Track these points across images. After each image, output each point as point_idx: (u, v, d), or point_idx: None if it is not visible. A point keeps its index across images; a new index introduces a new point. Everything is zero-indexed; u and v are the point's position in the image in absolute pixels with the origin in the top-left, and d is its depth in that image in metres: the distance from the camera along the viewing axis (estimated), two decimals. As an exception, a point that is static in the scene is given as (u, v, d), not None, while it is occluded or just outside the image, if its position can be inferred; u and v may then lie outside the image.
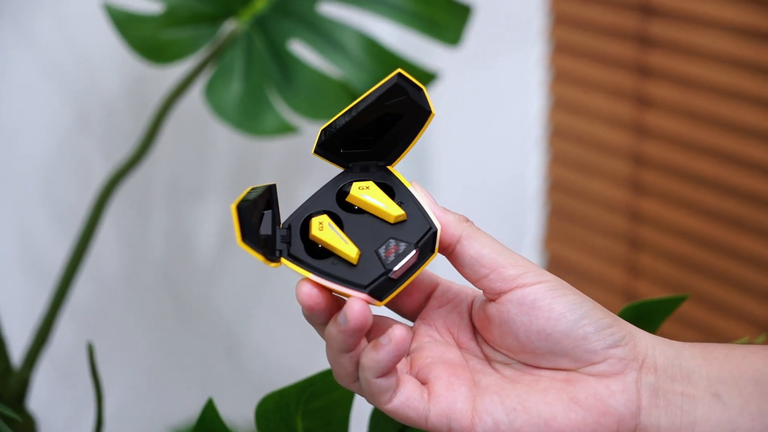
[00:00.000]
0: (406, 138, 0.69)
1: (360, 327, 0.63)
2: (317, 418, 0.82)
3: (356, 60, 1.27)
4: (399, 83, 0.67)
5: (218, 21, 1.27)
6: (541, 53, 1.83)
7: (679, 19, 1.59)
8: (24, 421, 1.18)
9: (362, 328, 0.63)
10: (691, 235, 1.64)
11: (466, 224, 0.68)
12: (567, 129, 1.84)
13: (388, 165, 0.70)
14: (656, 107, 1.66)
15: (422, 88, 0.68)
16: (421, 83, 1.26)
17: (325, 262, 0.66)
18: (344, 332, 0.63)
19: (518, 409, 0.64)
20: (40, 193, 1.52)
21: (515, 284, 0.65)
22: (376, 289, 0.64)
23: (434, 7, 1.26)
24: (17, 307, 1.43)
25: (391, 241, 0.65)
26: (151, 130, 1.23)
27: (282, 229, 0.67)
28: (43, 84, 1.47)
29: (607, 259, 1.79)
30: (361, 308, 0.62)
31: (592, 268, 1.83)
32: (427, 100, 0.68)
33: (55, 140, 1.51)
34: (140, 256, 1.65)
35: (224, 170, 1.66)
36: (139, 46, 1.22)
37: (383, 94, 0.67)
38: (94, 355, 1.01)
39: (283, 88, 1.26)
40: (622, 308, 0.82)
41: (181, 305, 1.72)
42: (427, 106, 0.68)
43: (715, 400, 0.64)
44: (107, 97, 1.51)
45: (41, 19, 1.44)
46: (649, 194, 1.70)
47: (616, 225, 1.77)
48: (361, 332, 0.63)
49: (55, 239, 1.49)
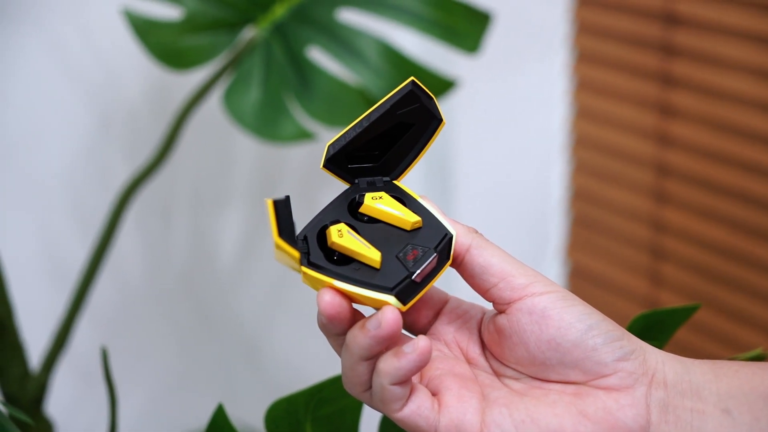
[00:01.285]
0: (415, 150, 0.70)
1: (392, 334, 0.63)
2: (326, 425, 0.82)
3: (374, 67, 1.27)
4: (413, 90, 0.67)
5: (237, 28, 1.28)
6: (565, 62, 1.83)
7: (703, 28, 1.58)
8: (41, 425, 1.19)
9: (394, 335, 0.63)
10: (714, 245, 1.63)
11: (474, 234, 0.68)
12: (590, 138, 1.83)
13: (393, 180, 0.70)
14: (680, 116, 1.65)
15: (432, 96, 0.68)
16: (441, 91, 1.27)
17: (347, 268, 0.65)
18: (374, 338, 0.63)
19: (527, 421, 0.64)
20: (63, 198, 1.53)
21: (525, 293, 0.65)
22: (401, 291, 0.64)
23: (453, 15, 1.26)
24: (39, 311, 1.44)
25: (409, 247, 0.66)
26: (170, 136, 1.24)
27: (298, 240, 0.67)
28: (66, 89, 1.49)
29: (630, 269, 1.78)
30: (395, 315, 0.63)
31: (614, 277, 1.82)
32: (437, 108, 0.68)
33: (77, 145, 1.52)
34: (162, 262, 1.66)
35: (246, 177, 1.67)
36: (158, 52, 1.23)
37: (397, 102, 0.68)
38: (108, 360, 1.01)
39: (301, 94, 1.26)
40: (634, 317, 0.81)
41: (202, 311, 1.73)
42: (438, 114, 0.68)
43: (725, 416, 0.64)
44: (130, 102, 1.52)
45: (64, 25, 1.45)
46: (672, 204, 1.69)
47: (639, 234, 1.76)
48: (391, 339, 0.63)
49: (76, 244, 1.50)
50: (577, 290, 1.90)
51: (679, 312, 0.84)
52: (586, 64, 1.81)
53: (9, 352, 1.16)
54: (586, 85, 1.82)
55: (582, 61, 1.81)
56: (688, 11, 1.60)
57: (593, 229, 1.85)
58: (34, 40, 1.45)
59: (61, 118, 1.49)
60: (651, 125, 1.70)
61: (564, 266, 1.92)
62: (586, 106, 1.82)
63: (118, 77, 1.50)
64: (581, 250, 1.89)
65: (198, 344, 1.74)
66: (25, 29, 1.43)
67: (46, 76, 1.47)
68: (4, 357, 1.16)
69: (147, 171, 1.24)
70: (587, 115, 1.83)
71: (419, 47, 1.61)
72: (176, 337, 1.71)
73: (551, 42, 1.82)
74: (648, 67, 1.68)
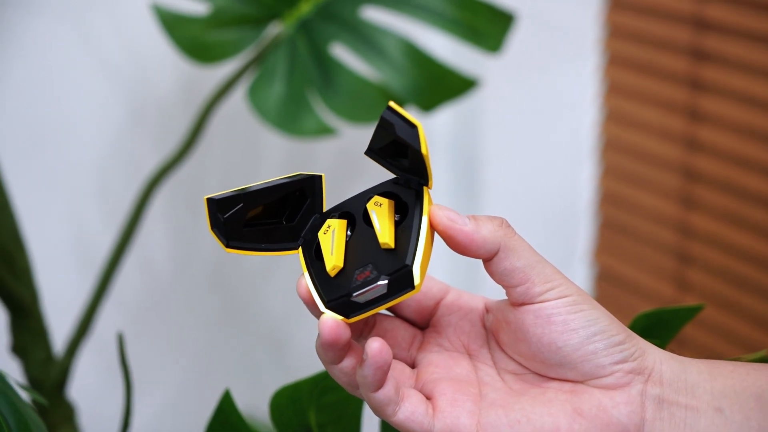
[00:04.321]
0: (422, 165, 0.66)
1: (330, 342, 0.64)
2: (330, 413, 0.83)
3: (396, 65, 1.28)
4: (384, 116, 0.64)
5: (263, 23, 1.29)
6: (595, 65, 1.83)
7: (733, 33, 1.58)
8: (63, 409, 1.21)
9: (333, 343, 0.64)
10: (741, 250, 1.63)
11: (503, 235, 0.66)
12: (620, 141, 1.83)
13: (425, 185, 0.67)
14: (709, 121, 1.65)
15: (416, 124, 0.64)
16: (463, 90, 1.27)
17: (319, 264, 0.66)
18: (319, 346, 0.65)
19: (522, 421, 0.64)
20: (93, 187, 1.55)
21: (537, 300, 0.65)
22: (337, 306, 0.64)
23: (476, 15, 1.27)
24: (66, 297, 1.47)
25: (369, 266, 0.65)
26: (195, 128, 1.26)
27: (317, 217, 0.68)
28: (98, 81, 1.51)
29: (656, 273, 1.78)
30: (332, 324, 0.63)
31: (641, 281, 1.82)
32: (416, 137, 0.64)
33: (108, 136, 1.54)
34: (190, 254, 1.68)
35: (275, 170, 1.68)
36: (185, 45, 1.25)
37: (377, 125, 0.65)
38: (124, 345, 1.03)
39: (323, 90, 1.27)
40: (636, 316, 0.81)
41: (229, 303, 1.75)
42: (417, 145, 0.64)
43: (718, 414, 0.64)
44: (160, 95, 1.54)
45: (97, 19, 1.48)
46: (699, 209, 1.69)
47: (666, 239, 1.75)
48: (334, 347, 0.64)
49: (104, 233, 1.53)
50: (603, 293, 1.90)
51: (682, 311, 0.83)
52: (616, 67, 1.81)
53: (33, 336, 1.18)
54: (617, 88, 1.81)
55: (613, 64, 1.81)
56: (717, 16, 1.59)
57: (621, 233, 1.85)
58: (68, 33, 1.47)
59: (93, 109, 1.52)
60: (680, 129, 1.69)
61: (591, 269, 1.92)
62: (616, 110, 1.82)
63: (150, 70, 1.53)
64: (608, 253, 1.89)
65: (224, 336, 1.76)
66: (60, 23, 1.46)
67: (78, 68, 1.50)
68: (28, 341, 1.18)
69: (172, 162, 1.26)
70: (617, 118, 1.83)
71: (449, 48, 1.62)
72: (202, 328, 1.73)
73: (582, 45, 1.82)
74: (678, 72, 1.67)
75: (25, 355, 1.19)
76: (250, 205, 0.67)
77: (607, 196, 1.87)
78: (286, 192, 0.68)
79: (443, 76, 1.27)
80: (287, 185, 0.68)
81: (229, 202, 0.66)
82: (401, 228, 0.66)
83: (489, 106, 1.79)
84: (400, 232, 0.65)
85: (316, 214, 0.68)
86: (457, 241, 0.65)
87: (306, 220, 0.68)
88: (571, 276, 0.66)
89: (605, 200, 1.88)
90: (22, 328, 1.18)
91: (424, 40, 1.47)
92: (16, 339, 1.18)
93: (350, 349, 0.66)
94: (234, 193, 0.67)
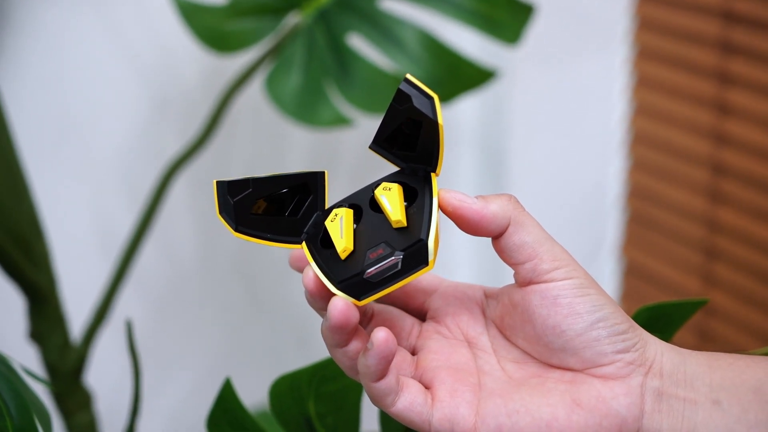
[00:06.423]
0: (433, 145, 0.67)
1: (340, 325, 0.63)
2: (329, 403, 0.83)
3: (413, 56, 1.27)
4: (402, 89, 0.66)
5: (281, 13, 1.30)
6: (625, 58, 1.81)
7: (762, 27, 1.56)
8: (80, 395, 1.22)
9: (343, 326, 0.63)
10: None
11: (512, 209, 0.66)
12: (648, 135, 1.82)
13: (433, 171, 0.67)
14: (737, 116, 1.63)
15: (433, 95, 0.66)
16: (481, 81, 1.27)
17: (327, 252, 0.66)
18: (327, 329, 0.64)
19: (521, 411, 0.64)
20: (115, 175, 1.56)
21: (544, 278, 0.65)
22: (349, 287, 0.64)
23: (495, 6, 1.26)
24: (86, 283, 1.48)
25: (381, 245, 0.65)
26: (214, 117, 1.26)
27: (320, 215, 0.69)
28: (120, 69, 1.52)
29: (684, 268, 1.77)
30: (342, 307, 0.63)
31: (668, 275, 1.80)
32: (433, 108, 0.66)
33: (130, 124, 1.55)
34: (215, 244, 1.68)
35: (299, 161, 1.69)
36: (203, 35, 1.26)
37: (393, 99, 0.67)
38: (132, 332, 1.04)
39: (340, 81, 1.27)
40: (637, 310, 0.81)
41: (253, 294, 1.75)
42: (433, 116, 0.65)
43: (715, 406, 0.64)
44: (183, 83, 1.55)
45: (122, 8, 1.49)
46: (727, 204, 1.67)
47: (694, 234, 1.74)
48: (342, 330, 0.64)
49: (125, 220, 1.54)
50: (630, 288, 1.88)
51: (685, 306, 0.83)
52: (645, 60, 1.79)
53: (51, 323, 1.19)
54: (646, 81, 1.80)
55: (642, 57, 1.80)
56: (746, 9, 1.58)
57: (649, 227, 1.84)
58: (92, 22, 1.48)
59: (115, 97, 1.53)
60: (708, 124, 1.68)
61: (619, 263, 1.91)
62: (645, 103, 1.81)
63: (173, 59, 1.53)
64: (636, 247, 1.88)
65: (246, 325, 1.76)
66: (85, 12, 1.47)
67: (103, 56, 1.51)
68: (46, 327, 1.19)
69: (192, 150, 1.27)
70: (646, 111, 1.81)
71: (473, 40, 1.61)
72: (225, 317, 1.74)
73: (612, 37, 1.81)
74: (707, 65, 1.66)
75: (43, 342, 1.20)
76: (258, 192, 0.68)
77: (636, 190, 1.86)
78: (291, 184, 0.69)
79: (461, 67, 1.27)
80: (292, 177, 0.69)
81: (239, 186, 0.67)
82: (411, 210, 0.66)
83: (517, 98, 1.78)
84: (411, 214, 0.66)
85: (318, 212, 0.69)
86: (467, 219, 0.65)
87: (309, 216, 0.69)
88: (599, 270, 0.67)
89: (633, 194, 1.86)
90: (40, 315, 1.19)
91: (447, 33, 1.47)
92: (33, 325, 1.19)
93: (356, 333, 0.66)
94: (243, 179, 0.68)
